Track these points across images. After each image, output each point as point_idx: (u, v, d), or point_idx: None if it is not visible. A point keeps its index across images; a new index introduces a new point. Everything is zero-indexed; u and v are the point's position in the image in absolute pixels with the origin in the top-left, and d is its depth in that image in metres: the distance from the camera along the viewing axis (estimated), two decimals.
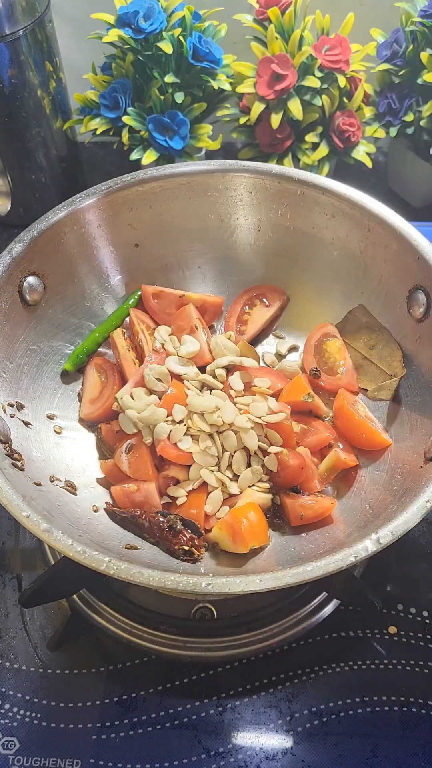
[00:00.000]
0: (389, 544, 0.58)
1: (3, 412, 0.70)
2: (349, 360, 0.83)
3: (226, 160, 0.87)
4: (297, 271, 0.88)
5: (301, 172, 0.83)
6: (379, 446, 0.76)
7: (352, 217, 0.81)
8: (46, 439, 0.75)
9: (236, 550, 0.68)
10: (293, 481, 0.74)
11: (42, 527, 0.58)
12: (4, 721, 0.70)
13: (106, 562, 0.57)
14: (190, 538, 0.68)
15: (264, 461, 0.74)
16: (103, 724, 0.70)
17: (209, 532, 0.71)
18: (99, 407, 0.81)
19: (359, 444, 0.77)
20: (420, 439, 0.71)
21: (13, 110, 1.00)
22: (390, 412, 0.78)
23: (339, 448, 0.77)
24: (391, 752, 0.68)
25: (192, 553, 0.68)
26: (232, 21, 1.04)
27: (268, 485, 0.75)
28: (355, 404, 0.79)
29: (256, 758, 0.68)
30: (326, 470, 0.76)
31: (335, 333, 0.85)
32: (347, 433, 0.78)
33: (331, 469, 0.76)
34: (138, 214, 0.85)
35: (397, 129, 1.04)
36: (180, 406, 0.75)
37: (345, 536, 0.67)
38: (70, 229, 0.81)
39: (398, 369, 0.78)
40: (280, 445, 0.75)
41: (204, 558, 0.69)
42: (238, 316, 0.89)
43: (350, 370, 0.82)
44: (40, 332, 0.79)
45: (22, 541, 0.83)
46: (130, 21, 0.97)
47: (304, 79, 1.00)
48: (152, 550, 0.69)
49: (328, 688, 0.72)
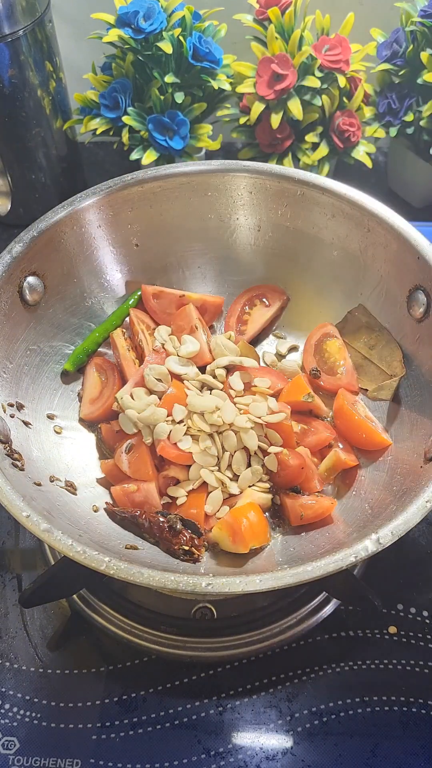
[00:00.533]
0: (389, 544, 0.58)
1: (3, 412, 0.70)
2: (349, 360, 0.83)
3: (226, 160, 0.87)
4: (297, 271, 0.88)
5: (301, 172, 0.83)
6: (379, 446, 0.76)
7: (352, 217, 0.81)
8: (46, 439, 0.75)
9: (236, 550, 0.68)
10: (293, 481, 0.74)
11: (42, 527, 0.58)
12: (4, 721, 0.70)
13: (106, 562, 0.57)
14: (190, 538, 0.68)
15: (264, 461, 0.74)
16: (103, 724, 0.70)
17: (209, 532, 0.71)
18: (99, 407, 0.81)
19: (359, 444, 0.77)
20: (420, 439, 0.71)
21: (13, 110, 1.00)
22: (390, 412, 0.78)
23: (339, 448, 0.77)
24: (391, 752, 0.68)
25: (192, 553, 0.68)
26: (232, 21, 1.04)
27: (268, 485, 0.75)
28: (355, 404, 0.79)
29: (256, 758, 0.68)
30: (326, 470, 0.76)
31: (335, 333, 0.85)
32: (347, 433, 0.78)
33: (331, 469, 0.76)
34: (138, 214, 0.85)
35: (397, 129, 1.04)
36: (180, 406, 0.75)
37: (345, 536, 0.67)
38: (70, 229, 0.81)
39: (398, 369, 0.78)
40: (280, 445, 0.75)
41: (204, 558, 0.69)
42: (238, 316, 0.89)
43: (350, 370, 0.82)
44: (40, 332, 0.79)
45: (22, 541, 0.83)
46: (130, 21, 0.97)
47: (304, 79, 1.00)
48: (152, 550, 0.69)
49: (328, 688, 0.72)
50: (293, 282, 0.89)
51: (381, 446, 0.76)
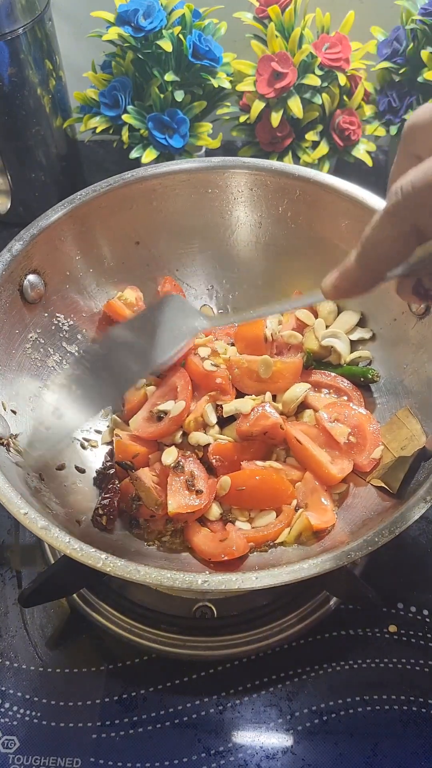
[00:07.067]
0: (388, 542, 0.58)
1: (3, 410, 0.70)
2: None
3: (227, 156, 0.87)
4: (298, 268, 0.87)
5: (301, 169, 0.82)
6: (331, 481, 0.73)
7: (353, 213, 0.80)
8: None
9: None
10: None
11: (39, 524, 0.58)
12: (4, 719, 0.70)
13: (102, 560, 0.57)
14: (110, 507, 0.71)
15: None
16: (103, 722, 0.70)
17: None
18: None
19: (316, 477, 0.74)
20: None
21: (13, 109, 1.00)
22: (390, 411, 0.78)
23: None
24: (392, 751, 0.68)
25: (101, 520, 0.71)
26: (232, 19, 1.04)
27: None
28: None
29: (256, 757, 0.68)
30: (294, 537, 0.71)
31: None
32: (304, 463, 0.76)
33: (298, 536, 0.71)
34: (138, 212, 0.85)
35: (398, 127, 1.04)
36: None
37: (343, 534, 0.67)
38: (71, 227, 0.81)
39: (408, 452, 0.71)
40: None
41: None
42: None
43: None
44: (41, 330, 0.79)
45: (21, 540, 0.83)
46: (129, 19, 0.97)
47: (304, 77, 1.00)
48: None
49: (329, 686, 0.72)
50: (294, 278, 0.88)
51: (333, 481, 0.73)
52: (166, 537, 0.73)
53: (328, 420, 0.75)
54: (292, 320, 0.85)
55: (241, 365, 0.78)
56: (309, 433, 0.75)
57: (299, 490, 0.73)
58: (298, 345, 0.83)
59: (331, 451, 0.74)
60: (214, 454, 0.74)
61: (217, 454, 0.74)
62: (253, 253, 0.89)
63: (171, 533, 0.73)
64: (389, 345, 0.81)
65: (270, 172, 0.83)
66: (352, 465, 0.73)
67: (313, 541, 0.69)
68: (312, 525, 0.68)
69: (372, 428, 0.75)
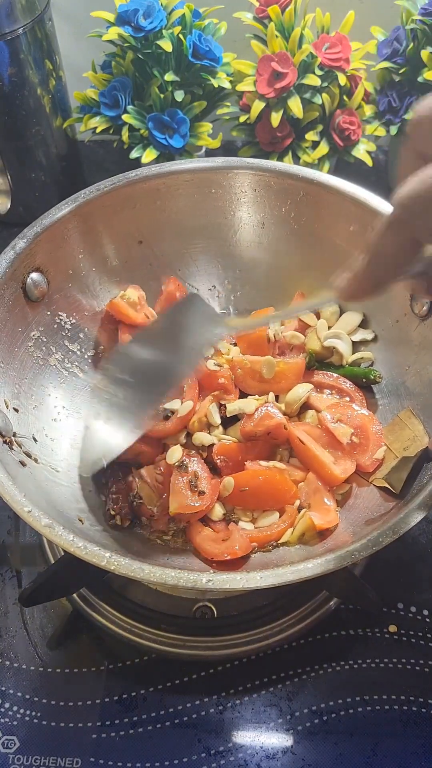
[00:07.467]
0: (390, 543, 0.58)
1: (6, 408, 0.70)
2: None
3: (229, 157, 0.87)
4: (301, 268, 0.87)
5: (305, 170, 0.82)
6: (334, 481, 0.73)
7: (356, 214, 0.80)
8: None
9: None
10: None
11: (43, 522, 0.58)
12: (4, 719, 0.70)
13: (106, 558, 0.56)
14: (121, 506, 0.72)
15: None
16: (104, 722, 0.70)
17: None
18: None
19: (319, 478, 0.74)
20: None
21: (13, 109, 1.00)
22: (392, 413, 0.78)
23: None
24: (392, 751, 0.68)
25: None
26: (232, 19, 1.04)
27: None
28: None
29: (256, 757, 0.68)
30: (297, 537, 0.71)
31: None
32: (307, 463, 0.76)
33: (302, 536, 0.71)
34: (142, 211, 0.85)
35: (398, 127, 1.04)
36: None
37: (346, 534, 0.67)
38: (74, 226, 0.81)
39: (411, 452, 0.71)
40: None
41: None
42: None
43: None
44: (43, 328, 0.79)
45: (21, 540, 0.83)
46: (129, 19, 0.97)
47: (305, 77, 1.00)
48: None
49: (329, 686, 0.72)
50: (297, 278, 0.88)
51: (336, 481, 0.73)
52: (168, 536, 0.73)
53: (331, 420, 0.75)
54: (295, 321, 0.86)
55: (244, 365, 0.78)
56: (312, 434, 0.75)
57: (302, 491, 0.73)
58: (301, 346, 0.83)
59: (333, 451, 0.74)
60: (219, 454, 0.74)
61: (222, 455, 0.74)
62: (256, 253, 0.89)
63: (173, 532, 0.73)
64: (391, 346, 0.81)
65: (274, 173, 0.83)
66: (354, 465, 0.74)
67: (316, 541, 0.69)
68: (315, 525, 0.68)
69: (375, 429, 0.75)
